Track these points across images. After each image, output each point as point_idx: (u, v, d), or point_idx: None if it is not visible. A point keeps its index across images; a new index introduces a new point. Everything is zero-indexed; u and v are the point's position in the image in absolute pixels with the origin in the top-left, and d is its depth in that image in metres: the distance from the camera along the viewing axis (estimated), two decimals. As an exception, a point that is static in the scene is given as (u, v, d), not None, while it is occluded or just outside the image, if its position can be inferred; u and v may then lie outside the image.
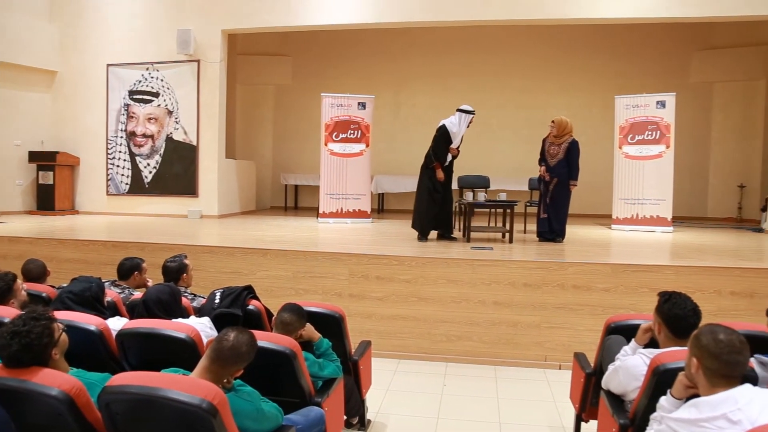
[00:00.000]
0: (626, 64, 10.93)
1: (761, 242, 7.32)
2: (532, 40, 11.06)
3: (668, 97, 8.38)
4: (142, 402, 1.99)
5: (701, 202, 10.94)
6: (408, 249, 5.92)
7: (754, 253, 6.36)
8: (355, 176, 8.91)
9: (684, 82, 10.72)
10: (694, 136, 10.77)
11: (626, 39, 10.80)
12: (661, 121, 8.35)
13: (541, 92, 11.26)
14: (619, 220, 8.57)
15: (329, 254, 5.50)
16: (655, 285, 4.76)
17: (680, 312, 2.50)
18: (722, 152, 10.87)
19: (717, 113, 10.93)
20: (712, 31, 10.61)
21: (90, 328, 2.71)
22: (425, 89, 11.40)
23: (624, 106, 8.60)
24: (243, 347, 2.21)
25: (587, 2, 8.33)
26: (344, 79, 11.30)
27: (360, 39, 11.34)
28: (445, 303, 5.15)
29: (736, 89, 10.73)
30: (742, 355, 1.93)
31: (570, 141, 6.67)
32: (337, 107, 8.90)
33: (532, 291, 5.06)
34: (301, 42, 11.64)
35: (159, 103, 9.47)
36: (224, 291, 3.33)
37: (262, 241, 6.31)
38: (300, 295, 5.37)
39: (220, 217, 9.32)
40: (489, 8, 8.48)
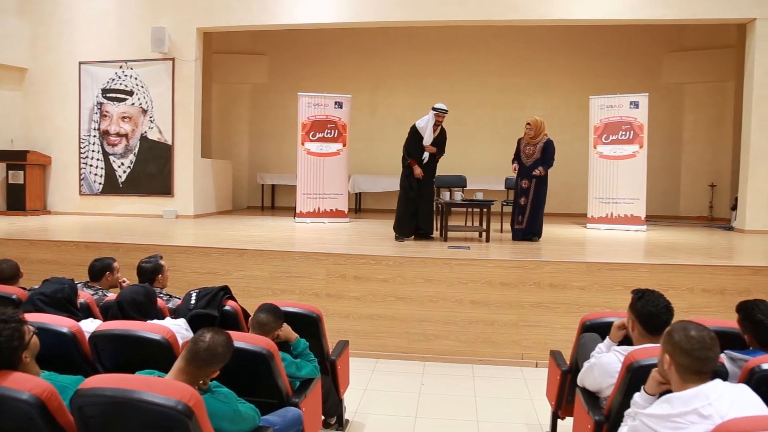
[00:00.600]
0: (601, 64, 11.09)
1: (731, 240, 7.48)
2: (510, 40, 11.15)
3: (641, 97, 8.52)
4: (116, 404, 1.96)
5: (674, 201, 11.14)
6: (385, 248, 5.93)
7: (724, 251, 6.49)
8: (333, 176, 8.89)
9: (656, 83, 10.90)
10: (667, 136, 10.97)
11: (600, 40, 10.95)
12: (634, 122, 8.48)
13: (518, 92, 11.36)
14: (594, 219, 8.69)
15: (306, 254, 5.48)
16: (629, 283, 4.84)
17: (653, 309, 2.54)
18: (693, 152, 11.09)
19: (688, 114, 11.15)
20: (683, 33, 10.82)
21: (62, 330, 2.66)
22: (402, 89, 11.43)
23: (599, 107, 8.72)
24: (219, 348, 2.19)
25: (562, 4, 8.43)
26: (321, 79, 11.27)
27: (337, 38, 11.32)
28: (423, 302, 5.17)
29: (706, 90, 10.95)
30: (713, 351, 1.97)
31: (545, 141, 6.74)
32: (313, 107, 8.87)
33: (508, 290, 5.10)
34: (278, 41, 11.58)
35: (133, 102, 9.34)
36: (200, 292, 3.29)
37: (239, 241, 6.26)
38: (277, 295, 5.34)
39: (196, 217, 9.23)
40: (466, 8, 8.54)
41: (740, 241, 7.40)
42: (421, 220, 6.82)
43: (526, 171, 6.80)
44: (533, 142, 6.76)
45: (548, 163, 6.73)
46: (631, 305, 2.63)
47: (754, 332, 2.53)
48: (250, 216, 9.97)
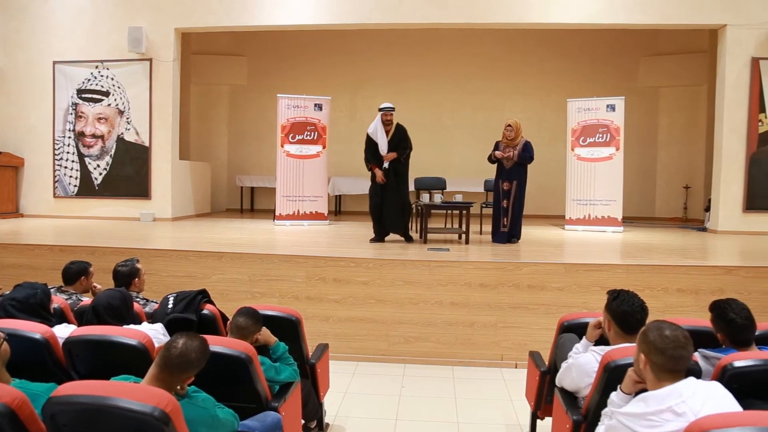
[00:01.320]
0: (578, 68, 11.22)
1: (705, 241, 7.61)
2: (489, 43, 11.23)
3: (617, 100, 8.63)
4: (90, 412, 1.92)
5: (649, 202, 11.31)
6: (365, 251, 5.92)
7: (698, 251, 6.60)
8: (312, 178, 8.86)
9: (632, 86, 11.06)
10: (642, 138, 11.13)
11: (578, 44, 11.07)
12: (611, 124, 8.59)
13: (497, 94, 11.44)
14: (572, 221, 8.78)
15: (286, 257, 5.45)
16: (606, 283, 4.88)
17: (628, 309, 2.58)
18: (668, 154, 11.28)
19: (663, 117, 11.33)
20: (658, 38, 10.99)
21: (35, 337, 2.61)
22: (382, 91, 11.43)
23: (576, 109, 8.81)
24: (192, 354, 2.14)
25: (540, 8, 8.51)
26: (301, 80, 11.23)
27: (317, 40, 11.29)
28: (403, 304, 5.17)
29: (680, 94, 11.14)
30: (686, 349, 2.00)
31: (524, 142, 6.78)
32: (293, 108, 8.84)
33: (488, 291, 5.13)
34: (257, 42, 11.52)
35: (109, 103, 9.21)
36: (178, 295, 3.26)
37: (217, 244, 6.21)
38: (256, 298, 5.30)
39: (174, 220, 9.13)
40: (445, 11, 8.58)
41: (713, 242, 7.54)
42: (388, 224, 6.76)
43: (506, 173, 6.83)
44: (512, 144, 6.79)
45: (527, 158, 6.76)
46: (606, 305, 2.67)
47: (726, 331, 2.58)
48: (229, 219, 9.89)
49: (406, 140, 6.81)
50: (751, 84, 8.28)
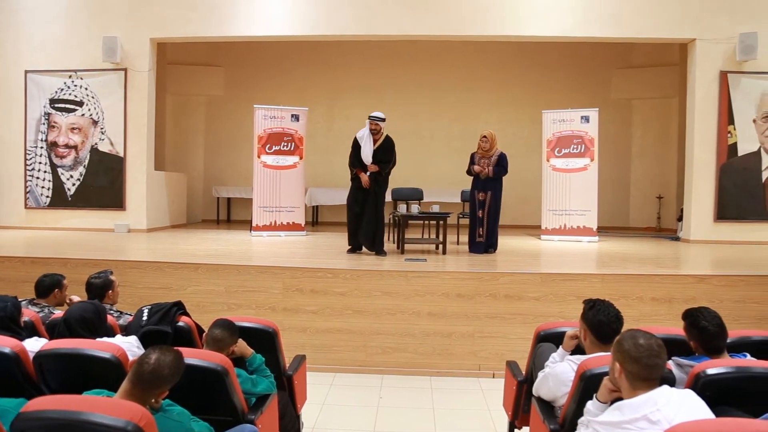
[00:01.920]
0: (553, 80, 11.38)
1: (678, 250, 7.75)
2: (465, 54, 11.34)
3: (591, 112, 8.77)
4: (61, 427, 1.88)
5: (623, 212, 11.48)
6: (342, 262, 5.91)
7: (672, 260, 6.72)
8: (289, 189, 8.83)
9: (606, 98, 11.25)
10: (616, 149, 11.31)
11: (553, 56, 11.24)
12: (585, 135, 8.73)
13: (473, 106, 11.55)
14: (548, 231, 8.87)
15: (262, 268, 5.42)
16: (582, 293, 4.93)
17: (604, 318, 2.61)
18: (642, 165, 11.48)
19: (636, 128, 11.54)
20: (631, 51, 11.21)
21: (4, 351, 2.54)
22: (359, 102, 11.46)
23: (551, 121, 8.94)
24: (165, 370, 2.10)
25: (516, 20, 8.64)
26: (277, 91, 11.21)
27: (294, 51, 11.30)
28: (380, 315, 5.16)
29: (652, 106, 11.37)
30: (660, 358, 2.03)
31: (499, 154, 6.83)
32: (270, 119, 8.81)
33: (465, 301, 5.15)
34: (234, 52, 11.48)
35: (83, 113, 9.09)
36: (152, 307, 3.21)
37: (193, 256, 6.15)
38: (232, 310, 5.24)
39: (149, 231, 9.02)
40: (420, 23, 8.66)
41: (686, 251, 7.67)
42: (362, 236, 6.64)
43: (482, 184, 6.88)
44: (488, 155, 6.84)
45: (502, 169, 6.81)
46: (582, 315, 2.69)
47: (698, 338, 2.62)
48: (205, 230, 9.80)
49: (390, 153, 6.68)
50: (719, 97, 8.49)
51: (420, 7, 8.63)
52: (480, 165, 6.86)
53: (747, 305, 5.14)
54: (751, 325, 4.79)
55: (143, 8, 8.93)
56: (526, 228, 10.51)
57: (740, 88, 8.46)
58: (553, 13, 8.60)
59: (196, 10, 8.83)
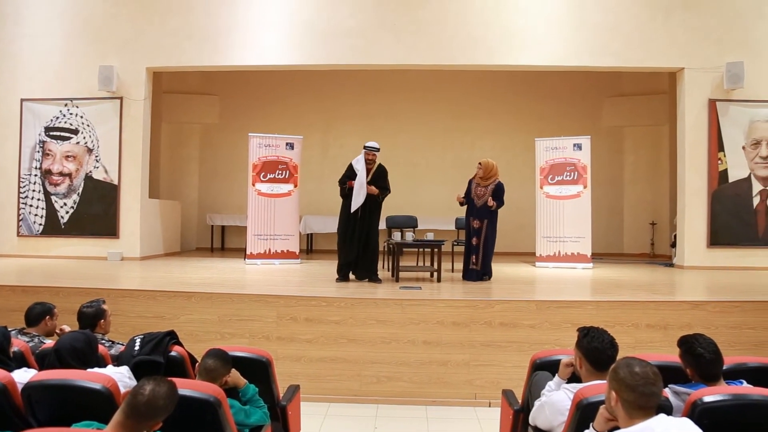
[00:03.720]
0: (545, 108, 11.50)
1: (672, 276, 7.75)
2: (458, 83, 11.47)
3: (584, 139, 8.85)
4: (49, 461, 1.84)
5: (617, 239, 11.51)
6: (337, 290, 5.89)
7: (666, 287, 6.71)
8: (283, 216, 8.83)
9: (597, 126, 11.37)
10: (609, 176, 11.40)
11: (544, 85, 11.39)
12: (578, 163, 8.79)
13: (466, 133, 11.64)
14: (542, 258, 8.87)
15: (256, 296, 5.38)
16: (577, 320, 4.92)
17: (598, 345, 2.60)
18: (634, 192, 11.56)
19: (628, 155, 11.65)
20: (621, 79, 11.38)
21: (-7, 382, 2.51)
22: (353, 130, 11.54)
23: (544, 148, 9.01)
24: (160, 401, 2.07)
25: (507, 50, 8.77)
26: (272, 119, 11.29)
27: (288, 79, 11.41)
28: (375, 343, 5.12)
29: (644, 133, 11.50)
30: (656, 386, 2.02)
31: (496, 183, 6.86)
32: (264, 147, 8.85)
33: (460, 329, 5.12)
34: (229, 81, 11.58)
35: (78, 141, 9.10)
36: (145, 337, 3.18)
37: (187, 284, 6.11)
38: (226, 339, 5.20)
39: (142, 259, 8.97)
40: (414, 53, 8.77)
41: (680, 277, 7.68)
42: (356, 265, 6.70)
43: (477, 211, 6.89)
44: (484, 184, 6.87)
45: (499, 202, 6.82)
46: (577, 342, 2.68)
47: (694, 365, 2.61)
48: (199, 258, 9.77)
49: (385, 181, 6.82)
50: (709, 124, 8.61)
51: (414, 37, 8.77)
52: (476, 192, 6.89)
53: (743, 331, 5.13)
54: (747, 352, 4.77)
55: (140, 38, 9.03)
56: (521, 255, 10.51)
57: (729, 116, 8.59)
58: (545, 43, 8.75)
59: (191, 39, 8.93)
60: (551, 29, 8.77)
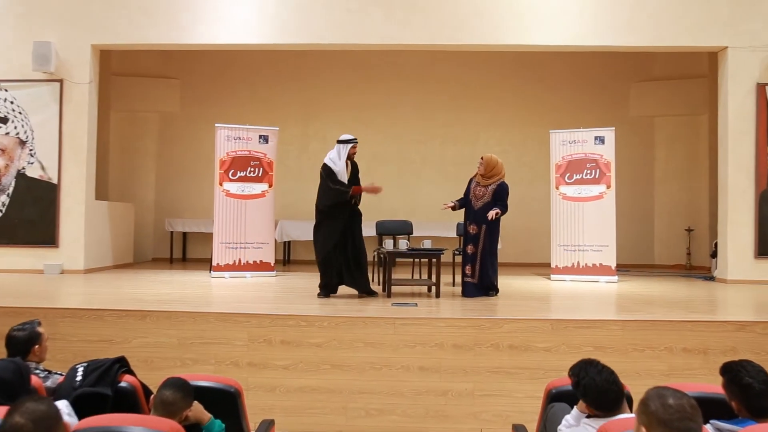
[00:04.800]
0: (562, 95, 11.56)
1: (713, 292, 7.79)
2: (459, 68, 11.51)
3: (607, 132, 8.89)
4: None
5: (647, 247, 11.56)
6: (318, 307, 5.89)
7: (706, 304, 6.75)
8: (256, 222, 8.81)
9: (623, 116, 11.44)
10: (637, 174, 11.45)
11: (562, 69, 11.45)
12: (600, 159, 8.83)
13: (470, 126, 11.68)
14: (558, 270, 8.89)
15: (224, 315, 5.38)
16: (600, 342, 4.95)
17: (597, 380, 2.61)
18: (667, 192, 11.61)
19: (659, 150, 11.71)
20: (651, 61, 11.45)
21: None
22: (338, 121, 11.52)
23: (560, 142, 9.03)
24: None
25: (518, 28, 8.80)
26: (243, 109, 11.29)
27: (262, 62, 11.41)
28: (363, 370, 5.12)
29: (678, 124, 11.57)
30: (694, 421, 2.01)
31: (499, 183, 6.82)
32: (234, 140, 8.84)
33: (463, 353, 5.12)
34: (192, 63, 11.56)
35: (8, 131, 9.03)
36: (89, 365, 3.16)
37: (141, 301, 6.09)
38: (187, 366, 5.18)
39: (87, 272, 8.92)
40: (408, 31, 8.78)
41: (723, 293, 7.72)
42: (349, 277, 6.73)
43: (474, 215, 6.86)
44: (485, 183, 6.82)
45: (502, 207, 6.76)
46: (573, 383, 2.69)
47: (741, 398, 2.59)
48: (156, 270, 9.74)
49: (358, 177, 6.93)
50: (757, 113, 8.61)
51: (407, 12, 8.78)
52: (475, 193, 6.87)
53: (796, 357, 5.16)
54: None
55: (84, 9, 8.96)
56: (533, 266, 10.54)
57: (781, 103, 8.62)
58: (560, 19, 8.78)
59: (147, 13, 8.90)
60: (568, 3, 8.81)
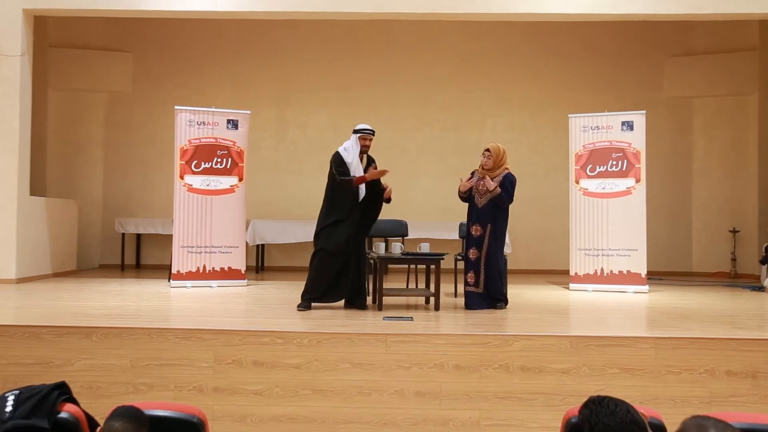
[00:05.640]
0: (583, 73, 11.59)
1: (763, 304, 7.81)
2: (463, 41, 11.53)
3: (636, 116, 8.89)
4: None
5: (684, 252, 11.58)
6: (297, 321, 5.90)
7: (754, 318, 6.75)
8: (224, 222, 8.80)
9: (656, 98, 11.49)
10: (672, 166, 11.49)
11: (583, 42, 11.49)
12: (628, 148, 8.83)
13: (474, 109, 11.71)
14: (578, 278, 8.91)
15: (186, 332, 5.35)
16: (628, 363, 4.95)
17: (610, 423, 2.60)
18: (707, 187, 11.60)
19: (699, 137, 11.72)
20: (689, 32, 11.46)
21: None
22: (320, 104, 11.56)
23: (581, 128, 9.03)
24: None
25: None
26: (208, 88, 11.28)
27: (232, 34, 11.40)
28: (350, 396, 5.11)
29: (722, 106, 11.57)
30: (739, 456, 2.01)
31: (504, 175, 6.82)
32: (197, 126, 8.81)
33: (466, 375, 5.11)
34: (147, 34, 11.54)
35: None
36: (21, 393, 3.13)
37: (86, 316, 6.07)
38: (141, 392, 5.17)
39: (21, 282, 8.89)
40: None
41: (774, 305, 7.75)
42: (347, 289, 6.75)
43: (478, 214, 6.86)
44: (490, 176, 6.80)
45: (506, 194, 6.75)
46: None
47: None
48: (105, 279, 9.72)
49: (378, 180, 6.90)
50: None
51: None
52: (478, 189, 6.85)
53: None
54: None
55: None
56: (549, 273, 10.56)
57: None
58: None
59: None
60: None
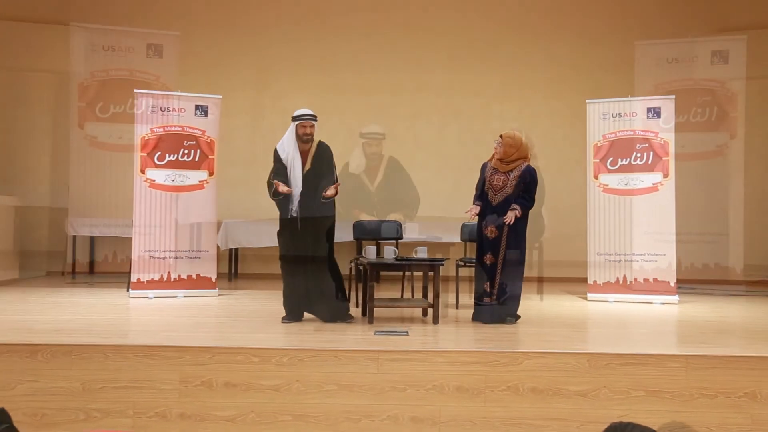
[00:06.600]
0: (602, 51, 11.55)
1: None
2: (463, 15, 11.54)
3: (664, 101, 8.93)
4: None
5: (720, 257, 11.56)
6: (276, 337, 5.93)
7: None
8: (192, 222, 8.80)
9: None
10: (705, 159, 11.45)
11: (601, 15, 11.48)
12: (655, 138, 8.85)
13: (478, 94, 11.70)
14: (598, 286, 8.93)
15: (147, 349, 5.36)
16: (655, 385, 4.98)
17: None
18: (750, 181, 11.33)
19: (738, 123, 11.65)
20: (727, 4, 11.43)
21: None
22: (301, 87, 11.53)
23: (600, 115, 9.04)
24: None
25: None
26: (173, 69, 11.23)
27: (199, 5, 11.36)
28: (337, 422, 5.12)
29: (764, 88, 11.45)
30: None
31: (525, 167, 6.82)
32: (161, 112, 8.80)
33: (469, 399, 5.13)
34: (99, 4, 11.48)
35: None
36: (-47, 422, 3.15)
37: (30, 331, 6.09)
38: (95, 420, 5.17)
39: (-45, 292, 8.89)
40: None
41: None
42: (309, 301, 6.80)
43: (493, 212, 6.87)
44: (504, 169, 6.81)
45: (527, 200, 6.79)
46: None
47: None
48: (53, 288, 9.71)
49: (330, 167, 6.91)
50: None
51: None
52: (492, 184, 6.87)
53: None
54: None
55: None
56: (563, 282, 10.56)
57: None
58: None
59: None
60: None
